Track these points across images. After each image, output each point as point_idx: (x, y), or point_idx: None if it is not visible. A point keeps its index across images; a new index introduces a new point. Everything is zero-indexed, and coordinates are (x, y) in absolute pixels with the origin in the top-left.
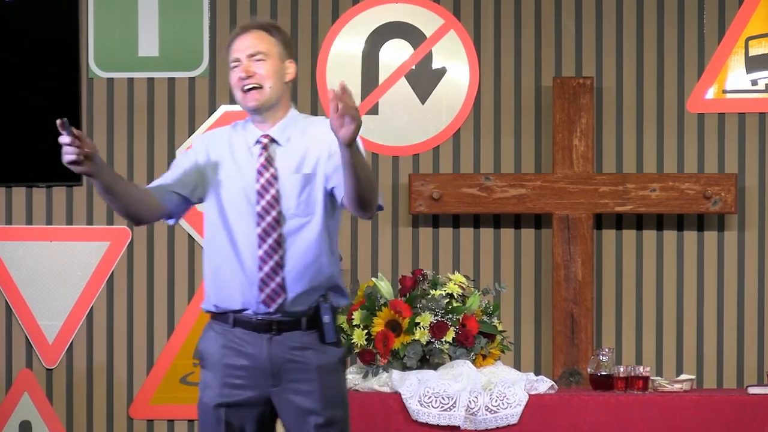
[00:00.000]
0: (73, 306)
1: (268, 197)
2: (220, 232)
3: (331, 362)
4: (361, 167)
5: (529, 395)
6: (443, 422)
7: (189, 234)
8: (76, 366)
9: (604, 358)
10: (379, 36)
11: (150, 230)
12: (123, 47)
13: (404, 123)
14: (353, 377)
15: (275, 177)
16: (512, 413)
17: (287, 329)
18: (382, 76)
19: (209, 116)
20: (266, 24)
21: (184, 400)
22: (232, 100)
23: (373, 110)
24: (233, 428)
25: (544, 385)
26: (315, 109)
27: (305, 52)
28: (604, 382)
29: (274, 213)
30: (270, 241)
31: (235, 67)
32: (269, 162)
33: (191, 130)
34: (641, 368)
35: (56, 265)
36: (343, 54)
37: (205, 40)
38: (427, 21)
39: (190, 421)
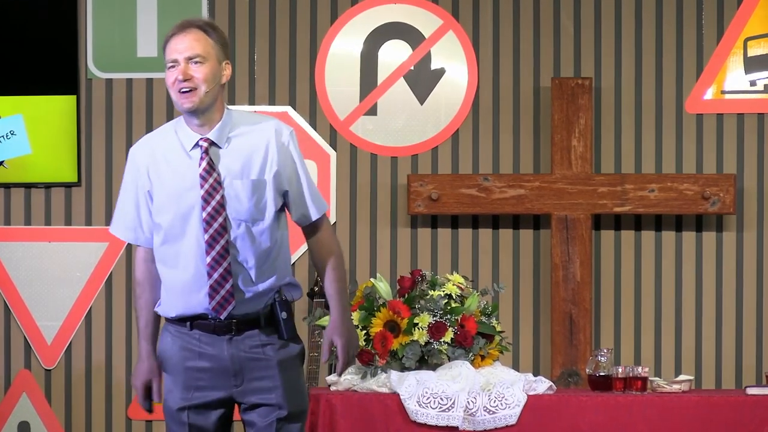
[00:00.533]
0: (72, 306)
1: (213, 203)
2: (169, 240)
3: (291, 357)
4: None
5: (528, 396)
6: (442, 423)
7: None
8: (74, 366)
9: (603, 359)
10: (378, 36)
11: None
12: (122, 48)
13: (403, 123)
14: (352, 377)
15: (219, 182)
16: (511, 414)
17: (246, 329)
18: (381, 76)
19: None
20: (204, 24)
21: None
22: (231, 101)
23: (372, 111)
24: (197, 430)
25: (542, 385)
26: (313, 110)
27: (304, 52)
28: (602, 383)
29: (220, 219)
30: (218, 247)
31: (172, 67)
32: (211, 166)
33: None
34: (640, 369)
35: (55, 266)
36: (341, 54)
37: None
38: (425, 21)
39: None
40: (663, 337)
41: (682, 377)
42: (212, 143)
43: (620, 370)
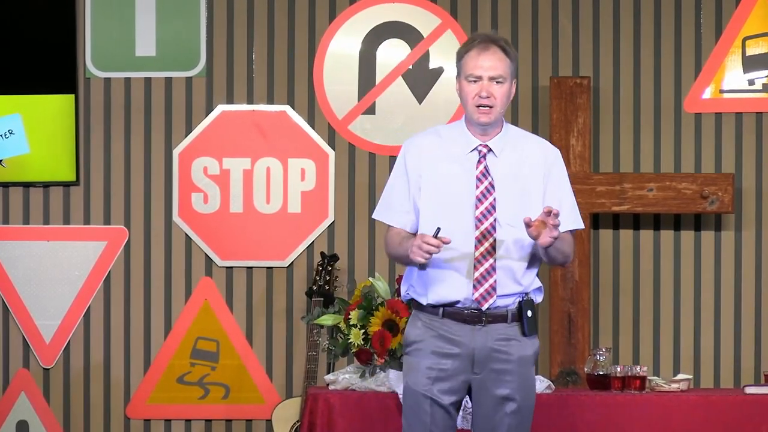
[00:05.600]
0: (70, 306)
1: (486, 204)
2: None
3: (529, 354)
4: (556, 254)
5: None
6: None
7: (186, 233)
8: (73, 365)
9: (601, 358)
10: (376, 35)
11: (147, 230)
12: (120, 47)
13: (401, 122)
14: (350, 377)
15: (492, 186)
16: None
17: (494, 321)
18: (379, 75)
19: (206, 116)
20: (504, 43)
21: (181, 400)
22: (229, 100)
23: (370, 110)
24: (438, 408)
25: (541, 384)
26: (312, 109)
27: (302, 51)
28: (601, 382)
29: (491, 219)
30: (486, 244)
31: (474, 81)
32: (487, 171)
33: (188, 130)
34: (638, 368)
35: (53, 265)
36: (340, 53)
37: (202, 39)
38: (424, 21)
39: (187, 420)
40: (661, 337)
41: (680, 376)
42: (490, 150)
43: (619, 369)
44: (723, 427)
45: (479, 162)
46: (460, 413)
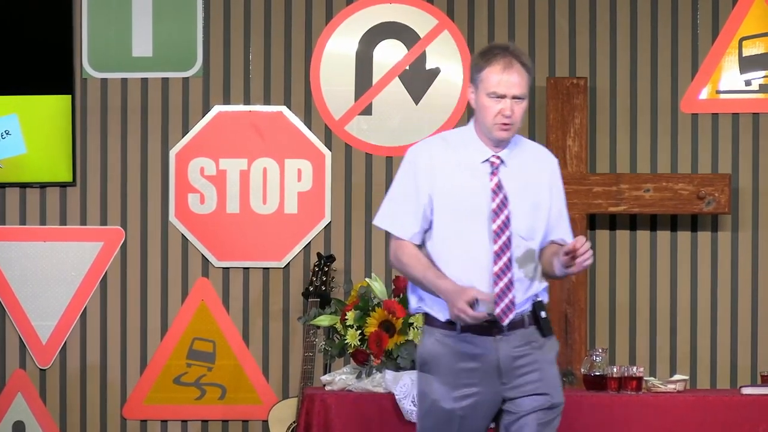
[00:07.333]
0: (67, 306)
1: (502, 217)
2: (453, 243)
3: (550, 354)
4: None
5: None
6: None
7: (183, 234)
8: (69, 366)
9: (598, 359)
10: (373, 36)
11: (143, 230)
12: (117, 47)
13: (398, 123)
14: (347, 377)
15: (506, 198)
16: None
17: (513, 328)
18: (376, 76)
19: (203, 116)
20: (527, 61)
21: (177, 401)
22: (226, 100)
23: (367, 110)
24: (468, 427)
25: None
26: (309, 109)
27: (299, 52)
28: (597, 383)
29: (508, 233)
30: (504, 259)
31: (496, 97)
32: (500, 183)
33: (185, 131)
34: (635, 368)
35: (50, 266)
36: (336, 54)
37: (198, 40)
38: (420, 21)
39: (184, 421)
40: (658, 337)
41: (677, 377)
42: (502, 161)
43: (615, 369)
44: (719, 427)
45: (493, 174)
46: None
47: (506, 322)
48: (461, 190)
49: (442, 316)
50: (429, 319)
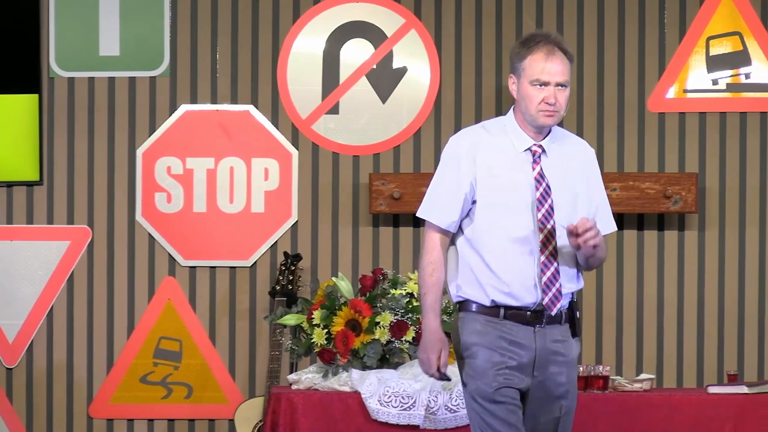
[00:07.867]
0: (33, 305)
1: (546, 206)
2: (498, 232)
3: (575, 356)
4: (594, 262)
5: None
6: (403, 421)
7: (149, 233)
8: (36, 365)
9: None
10: (340, 35)
11: (110, 229)
12: (84, 46)
13: (365, 122)
14: (313, 376)
15: (549, 187)
16: None
17: (550, 323)
18: (343, 75)
19: (170, 115)
20: (568, 48)
21: (144, 399)
22: (193, 99)
23: (334, 109)
24: (510, 411)
25: None
26: (276, 108)
27: (266, 51)
28: None
29: (552, 222)
30: (550, 248)
31: (540, 85)
32: (543, 172)
33: (152, 129)
34: (601, 368)
35: (16, 265)
36: (303, 53)
37: (166, 39)
38: (387, 20)
39: (150, 420)
40: (624, 336)
41: (643, 376)
42: (543, 150)
43: (581, 369)
44: (686, 426)
45: (535, 163)
46: (422, 412)
47: (554, 311)
48: (504, 178)
49: (487, 300)
50: (470, 305)
